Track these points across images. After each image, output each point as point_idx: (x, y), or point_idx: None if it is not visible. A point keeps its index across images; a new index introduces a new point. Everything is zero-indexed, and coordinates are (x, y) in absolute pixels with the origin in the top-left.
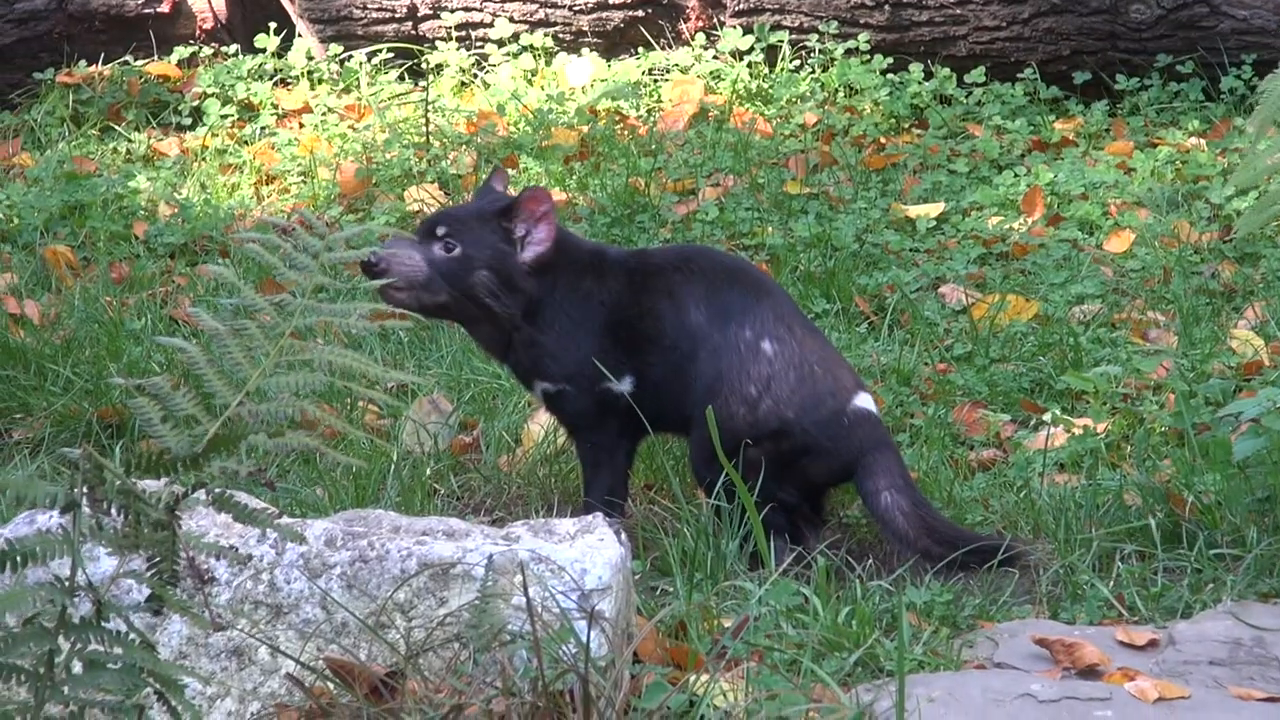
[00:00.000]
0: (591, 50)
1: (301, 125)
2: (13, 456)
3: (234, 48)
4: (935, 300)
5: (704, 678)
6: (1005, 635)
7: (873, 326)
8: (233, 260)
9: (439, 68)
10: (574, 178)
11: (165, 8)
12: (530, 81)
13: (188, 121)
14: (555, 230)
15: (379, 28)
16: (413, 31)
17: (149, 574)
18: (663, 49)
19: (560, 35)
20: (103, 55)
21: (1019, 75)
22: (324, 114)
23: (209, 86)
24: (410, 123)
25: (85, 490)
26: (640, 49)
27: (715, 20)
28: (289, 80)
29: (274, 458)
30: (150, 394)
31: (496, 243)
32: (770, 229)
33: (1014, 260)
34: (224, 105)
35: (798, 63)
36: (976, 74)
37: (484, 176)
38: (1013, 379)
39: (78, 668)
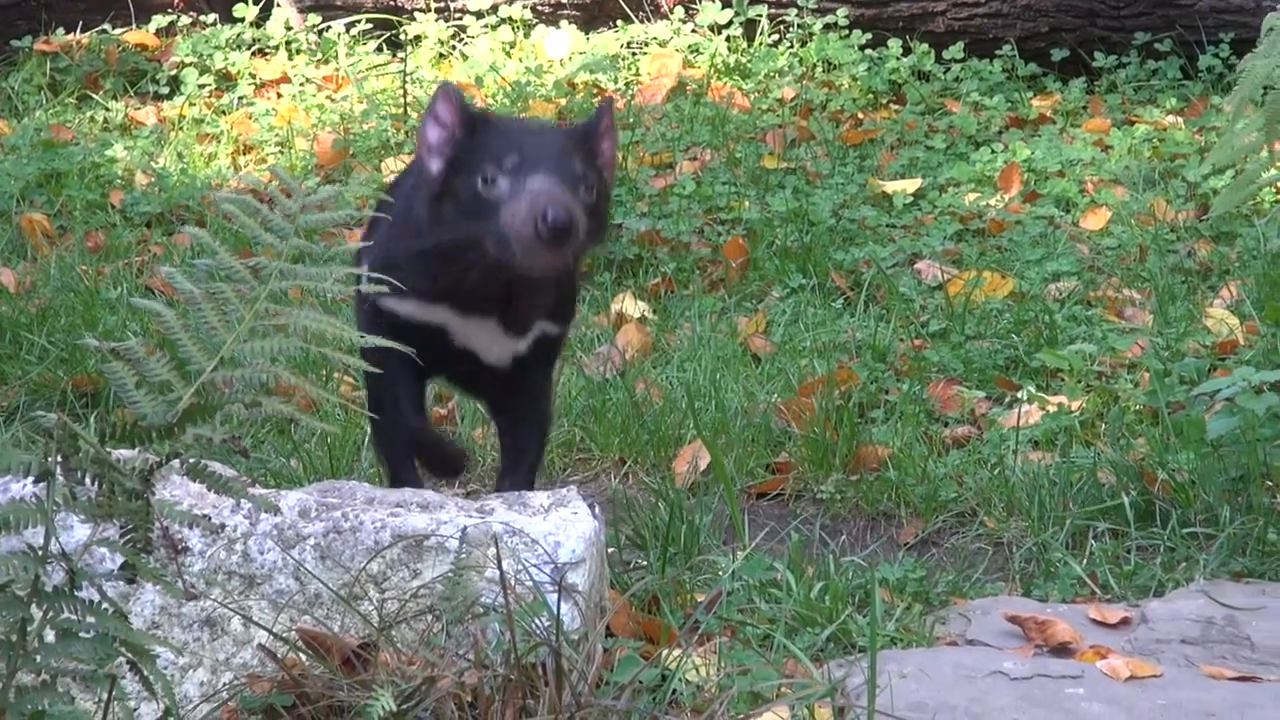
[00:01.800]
0: (570, 23)
1: (279, 95)
2: None
3: (212, 17)
4: (911, 276)
5: (676, 652)
6: (978, 612)
7: (849, 302)
8: (210, 229)
9: (417, 39)
10: None
11: None
12: (508, 54)
13: (165, 91)
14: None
15: None
16: (391, 3)
17: (122, 543)
18: (641, 22)
19: (539, 8)
20: (81, 23)
21: (997, 52)
22: (302, 84)
23: (187, 56)
24: (388, 94)
25: (59, 459)
26: (619, 22)
27: None
28: (267, 50)
29: (249, 427)
30: (125, 359)
31: (603, 174)
32: (747, 203)
33: (990, 237)
34: (201, 75)
35: (776, 37)
36: (955, 50)
37: None
38: (988, 356)
39: (50, 636)
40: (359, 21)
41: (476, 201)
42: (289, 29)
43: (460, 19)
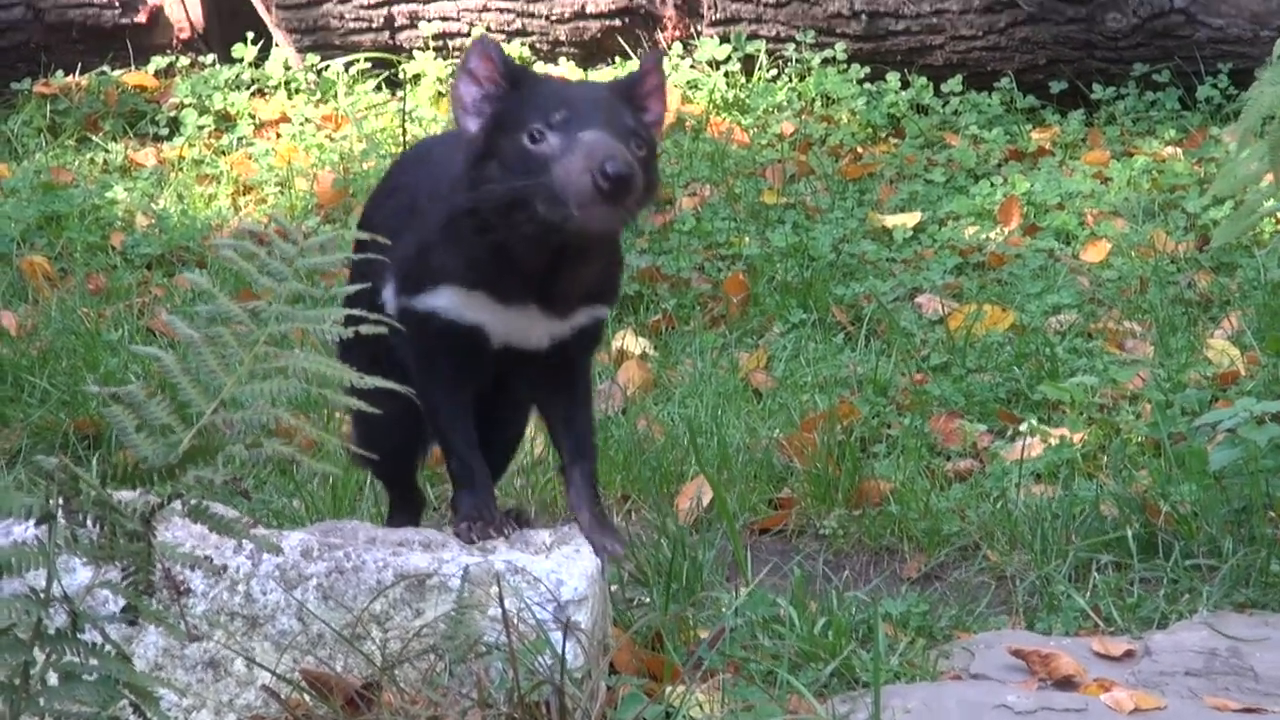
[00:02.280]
0: (569, 60)
1: (279, 135)
2: None
3: (211, 58)
4: (912, 310)
5: (680, 689)
6: (981, 646)
7: (849, 337)
8: (210, 270)
9: (416, 77)
10: None
11: (142, 18)
12: None
13: (165, 132)
14: None
15: (356, 37)
16: (390, 41)
17: (124, 585)
18: (640, 58)
19: (537, 45)
20: (80, 65)
21: (995, 84)
22: (301, 124)
23: (186, 97)
24: (387, 133)
25: (61, 501)
26: (618, 58)
27: (692, 30)
28: (266, 90)
29: (250, 468)
30: (125, 402)
31: (650, 128)
32: (747, 239)
33: (990, 270)
34: (201, 115)
35: (775, 72)
36: (953, 83)
37: None
38: (989, 389)
39: (53, 679)
40: (358, 60)
41: (524, 158)
42: (288, 69)
43: (459, 57)
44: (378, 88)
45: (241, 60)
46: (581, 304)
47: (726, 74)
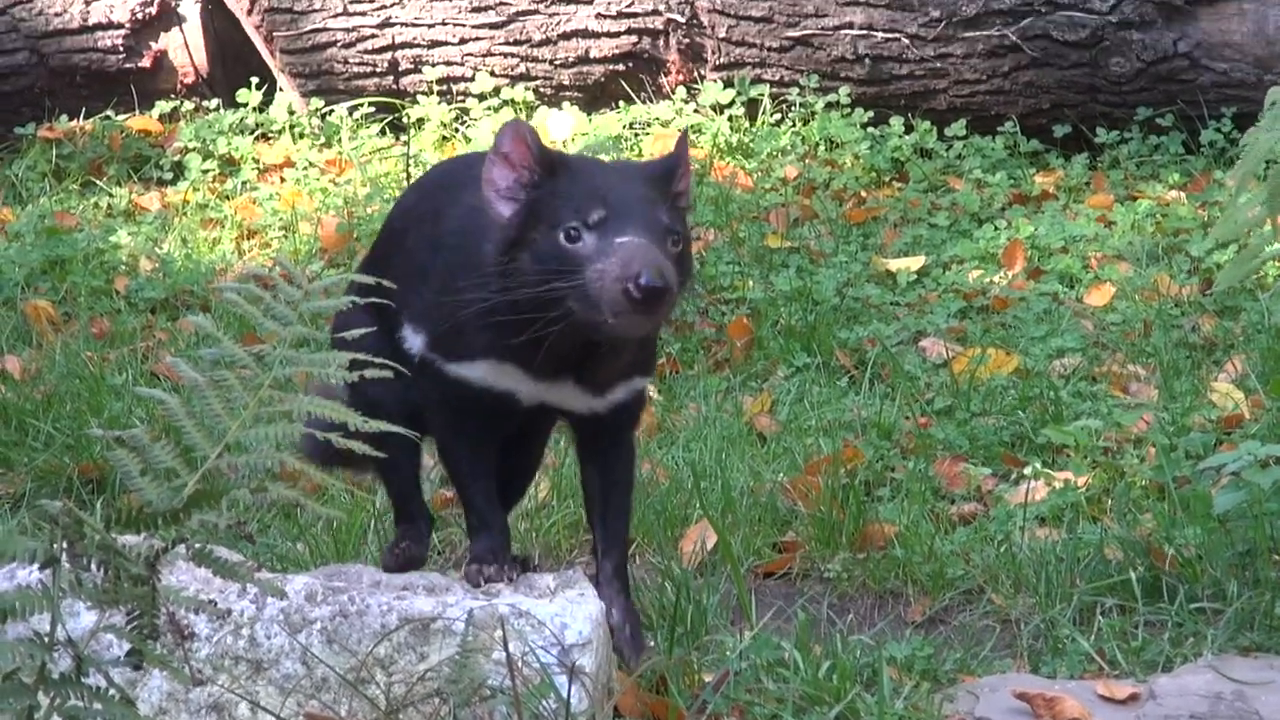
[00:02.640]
0: (573, 104)
1: (283, 179)
2: None
3: (215, 102)
4: (916, 354)
5: None
6: (986, 689)
7: (854, 380)
8: (214, 314)
9: (420, 122)
10: None
11: (147, 63)
12: None
13: (169, 176)
14: None
15: (360, 82)
16: (394, 86)
17: (129, 629)
18: (644, 103)
19: (541, 89)
20: (84, 110)
21: (999, 128)
22: (305, 168)
23: (190, 141)
24: (392, 177)
25: (65, 545)
26: (621, 103)
27: (696, 74)
28: (270, 135)
29: (255, 512)
30: (129, 446)
31: (685, 216)
32: (751, 283)
33: (995, 314)
34: (205, 160)
35: (778, 116)
36: (957, 127)
37: None
38: (993, 433)
39: None
40: (361, 105)
41: (559, 256)
42: (292, 113)
43: (463, 101)
44: (382, 132)
45: (246, 105)
46: (619, 381)
47: (730, 118)
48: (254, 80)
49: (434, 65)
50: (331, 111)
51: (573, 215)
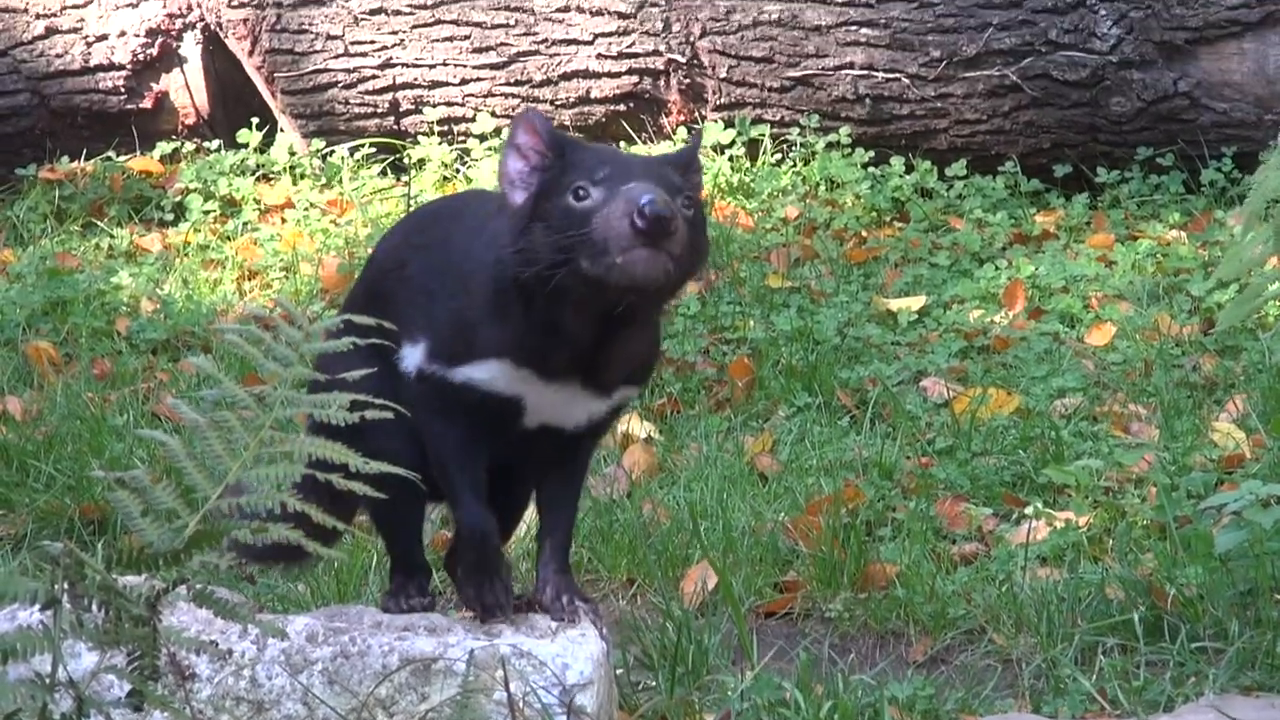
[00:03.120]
0: None
1: (284, 220)
2: None
3: (216, 143)
4: (917, 394)
5: None
6: None
7: (855, 420)
8: (215, 355)
9: (421, 162)
10: None
11: (148, 103)
12: None
13: (170, 217)
14: None
15: (361, 123)
16: (395, 126)
17: (130, 670)
18: (645, 142)
19: None
20: (85, 151)
21: (1000, 168)
22: (306, 209)
23: (191, 182)
24: (392, 217)
25: (66, 586)
26: (622, 143)
27: (697, 114)
28: (271, 175)
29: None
30: (130, 487)
31: (698, 199)
32: (752, 322)
33: (995, 353)
34: (206, 201)
35: (779, 156)
36: (958, 167)
37: None
38: (995, 473)
39: None
40: (362, 146)
41: (568, 215)
42: (293, 154)
43: (464, 142)
44: (383, 173)
45: (247, 145)
46: (622, 383)
47: (731, 158)
48: (255, 121)
49: (435, 106)
50: (332, 152)
51: (581, 176)
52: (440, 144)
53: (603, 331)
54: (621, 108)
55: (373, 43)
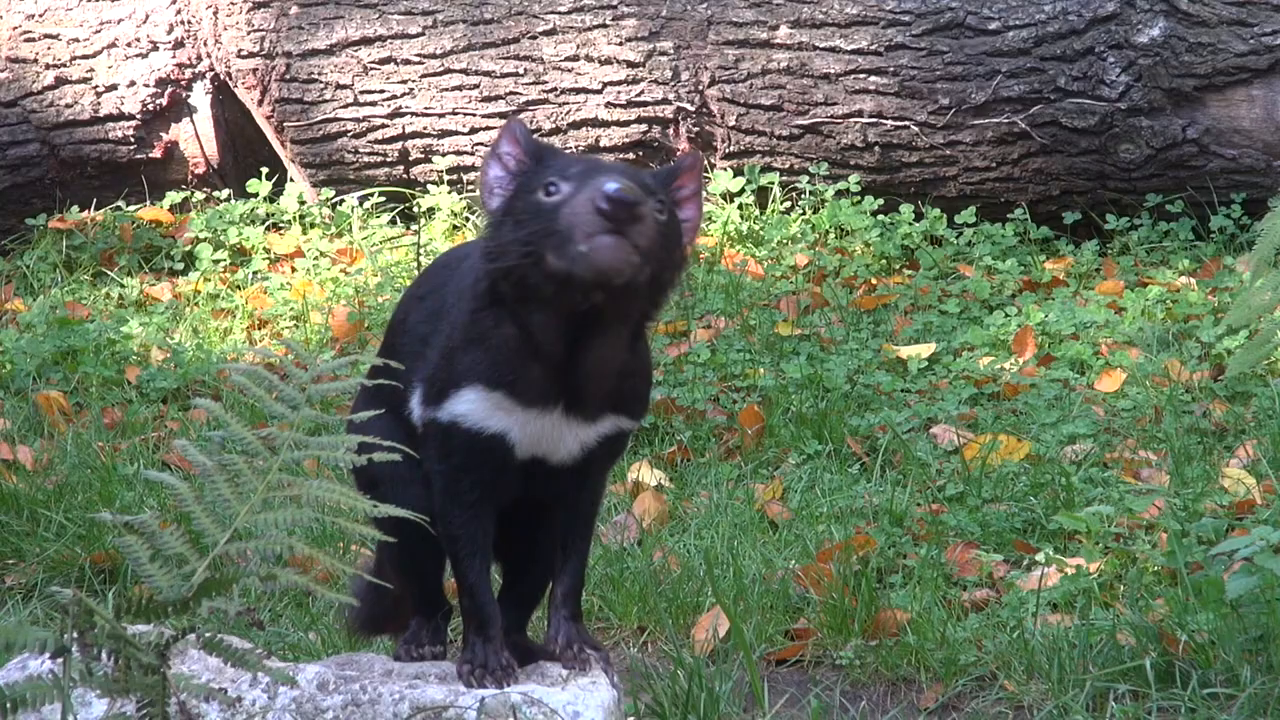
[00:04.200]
0: None
1: (294, 269)
2: (4, 602)
3: (226, 192)
4: (927, 441)
5: None
6: None
7: (865, 467)
8: (225, 404)
9: (430, 211)
10: None
11: (158, 153)
12: None
13: (180, 266)
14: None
15: (371, 171)
16: (404, 175)
17: (140, 718)
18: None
19: None
20: (95, 200)
21: (1009, 215)
22: (316, 258)
23: (201, 231)
24: (402, 266)
25: (76, 635)
26: None
27: (706, 162)
28: (281, 224)
29: (266, 600)
30: (139, 532)
31: (678, 210)
32: (762, 370)
33: (1005, 400)
34: (216, 250)
35: (788, 204)
36: (967, 214)
37: None
38: (1005, 519)
39: None
40: (372, 195)
41: (537, 210)
42: (302, 203)
43: (473, 190)
44: (392, 221)
45: (256, 195)
46: (607, 410)
47: (740, 206)
48: (264, 170)
49: (444, 155)
50: (342, 201)
51: (553, 174)
52: (449, 193)
53: (575, 339)
54: (630, 156)
55: (382, 92)
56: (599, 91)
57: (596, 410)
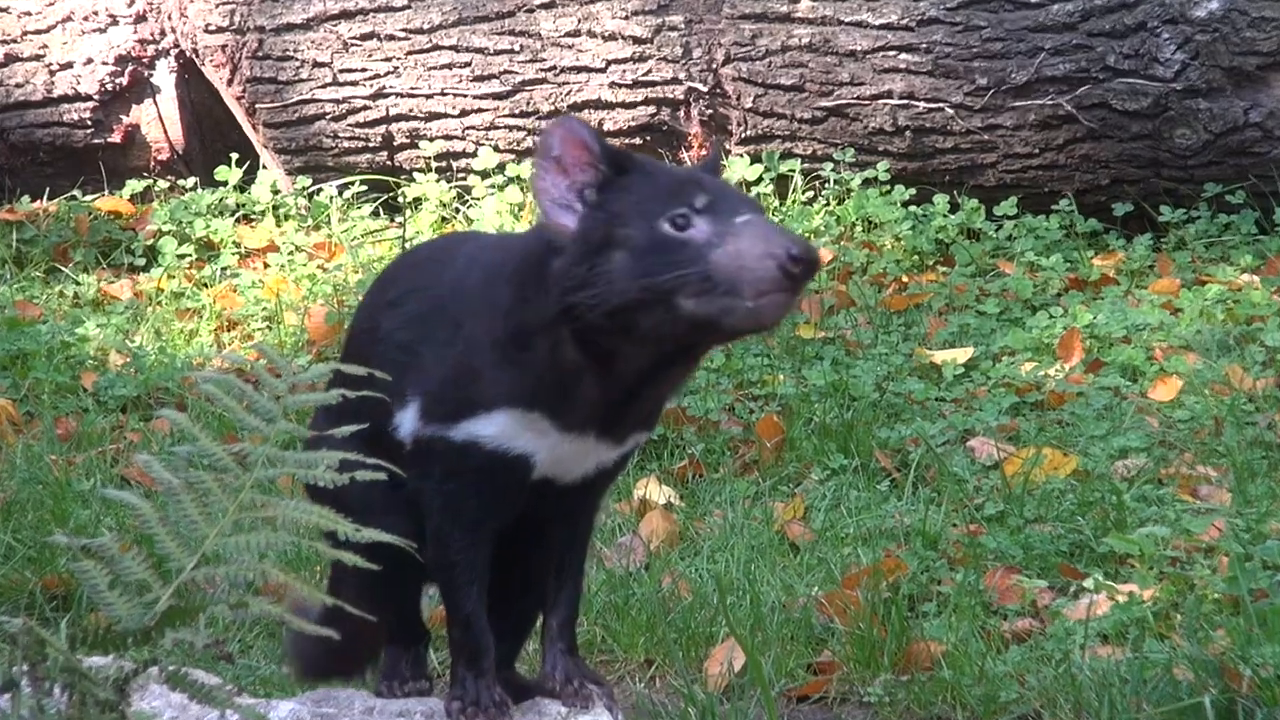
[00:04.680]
0: None
1: (266, 265)
2: None
3: (192, 181)
4: (964, 455)
5: None
6: None
7: (895, 484)
8: (191, 413)
9: (417, 201)
10: None
11: (117, 138)
12: (517, 217)
13: (141, 262)
14: None
15: (351, 158)
16: (388, 162)
17: None
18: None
19: None
20: (48, 189)
21: (1054, 207)
22: (291, 253)
23: (164, 223)
24: (386, 262)
25: (25, 668)
26: None
27: (720, 148)
28: (252, 216)
29: (236, 630)
30: (97, 556)
31: None
32: (782, 377)
33: (1050, 410)
34: (181, 244)
35: (811, 194)
36: (1007, 205)
37: None
38: (1050, 541)
39: None
40: (353, 183)
41: (666, 246)
42: (276, 192)
43: (464, 179)
44: (375, 213)
45: (225, 183)
46: (637, 427)
47: (758, 196)
48: (234, 157)
49: (432, 139)
50: (320, 190)
51: (675, 202)
52: (438, 181)
53: (651, 373)
54: (637, 141)
55: (364, 70)
56: (602, 70)
57: (627, 432)
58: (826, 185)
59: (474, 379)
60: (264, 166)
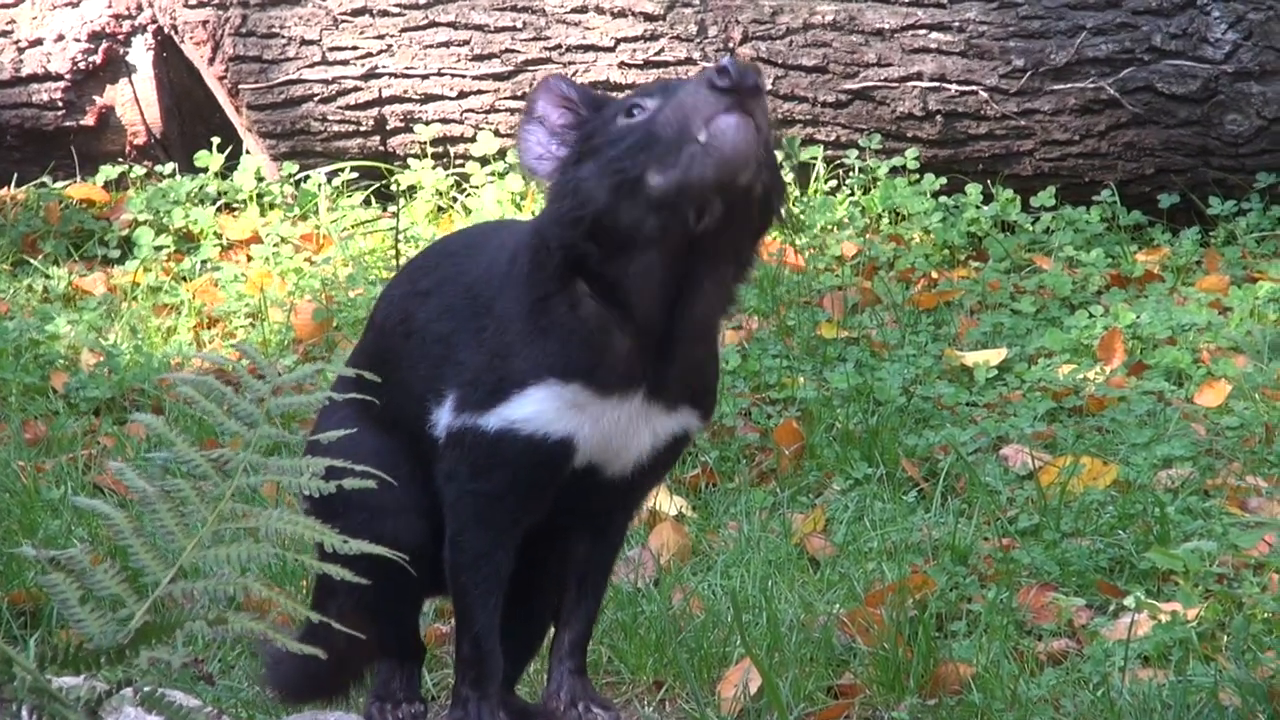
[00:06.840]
0: None
1: (249, 258)
2: None
3: (170, 167)
4: (996, 464)
5: None
6: None
7: (923, 495)
8: (168, 417)
9: (411, 190)
10: None
11: (90, 120)
12: (518, 206)
13: (116, 254)
14: None
15: (341, 143)
16: (381, 147)
17: None
18: None
19: None
20: (16, 176)
21: (1095, 197)
22: (276, 244)
23: (141, 212)
24: (378, 255)
25: None
26: None
27: None
28: (235, 205)
29: (216, 648)
30: (67, 569)
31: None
32: (802, 380)
33: (1089, 416)
34: (158, 234)
35: (834, 183)
36: (1045, 196)
37: None
38: (1088, 557)
39: None
40: (343, 170)
41: (622, 134)
42: (260, 179)
43: (462, 165)
44: (366, 201)
45: (206, 170)
46: (685, 399)
47: None
48: (216, 141)
49: (428, 123)
50: (307, 178)
51: (630, 102)
52: (434, 168)
53: (677, 290)
54: None
55: (355, 49)
56: (611, 49)
57: (677, 395)
58: (851, 174)
59: (506, 357)
60: (247, 152)
